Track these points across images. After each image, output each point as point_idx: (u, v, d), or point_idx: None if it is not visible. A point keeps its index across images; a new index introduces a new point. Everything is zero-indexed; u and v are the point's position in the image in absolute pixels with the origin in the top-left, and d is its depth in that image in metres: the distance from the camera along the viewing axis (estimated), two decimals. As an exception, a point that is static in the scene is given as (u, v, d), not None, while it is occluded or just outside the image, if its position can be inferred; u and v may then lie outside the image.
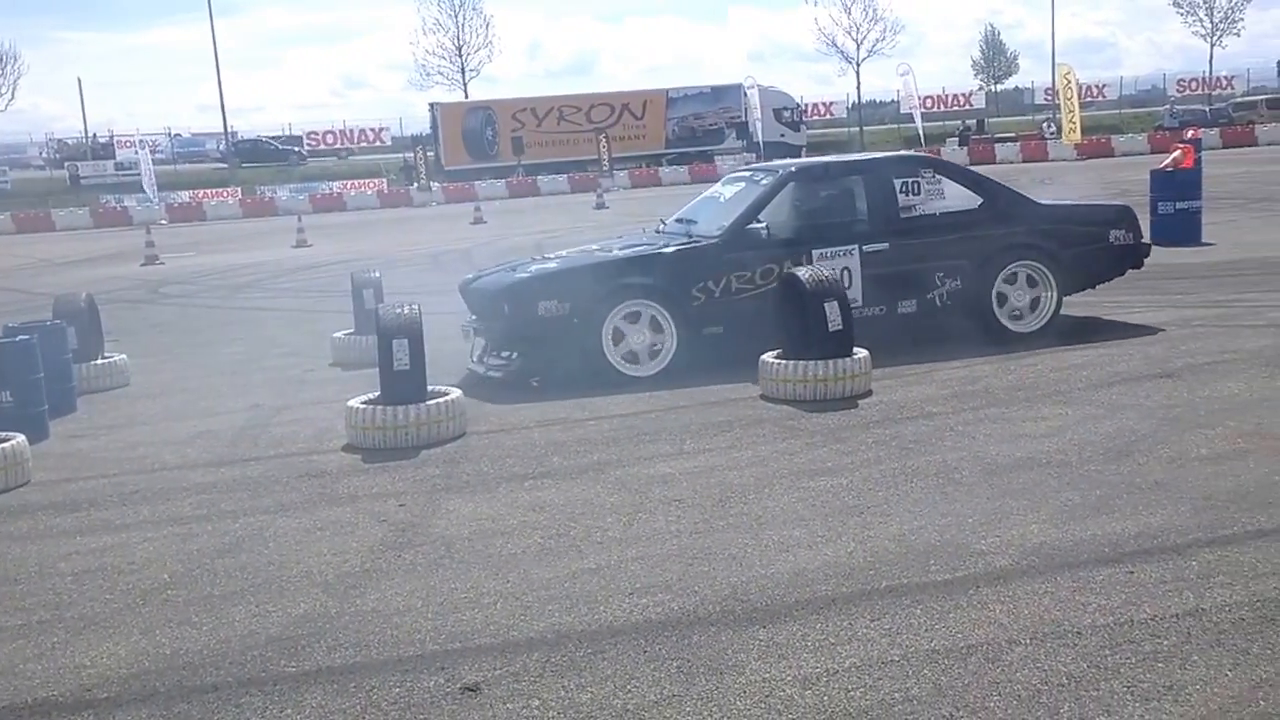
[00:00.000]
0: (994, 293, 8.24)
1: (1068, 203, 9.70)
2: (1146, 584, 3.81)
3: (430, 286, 15.26)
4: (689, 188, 41.59)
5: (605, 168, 47.14)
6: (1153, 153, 33.51)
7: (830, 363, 6.78)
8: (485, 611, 3.93)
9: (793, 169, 8.73)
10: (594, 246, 8.98)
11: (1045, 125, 51.46)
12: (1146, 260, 9.01)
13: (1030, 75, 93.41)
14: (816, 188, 8.68)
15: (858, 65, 66.07)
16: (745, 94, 54.84)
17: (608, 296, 7.70)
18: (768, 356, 7.11)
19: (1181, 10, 67.24)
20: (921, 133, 54.07)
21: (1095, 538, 4.25)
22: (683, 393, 7.20)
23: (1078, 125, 45.42)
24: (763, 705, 3.17)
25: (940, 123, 62.19)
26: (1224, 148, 38.63)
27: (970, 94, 69.78)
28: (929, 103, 64.05)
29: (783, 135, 54.57)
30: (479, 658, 3.58)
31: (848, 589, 3.94)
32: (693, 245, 8.06)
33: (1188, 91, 67.43)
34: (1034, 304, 8.36)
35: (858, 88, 67.07)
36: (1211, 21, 66.21)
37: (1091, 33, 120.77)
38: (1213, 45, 66.61)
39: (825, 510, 4.80)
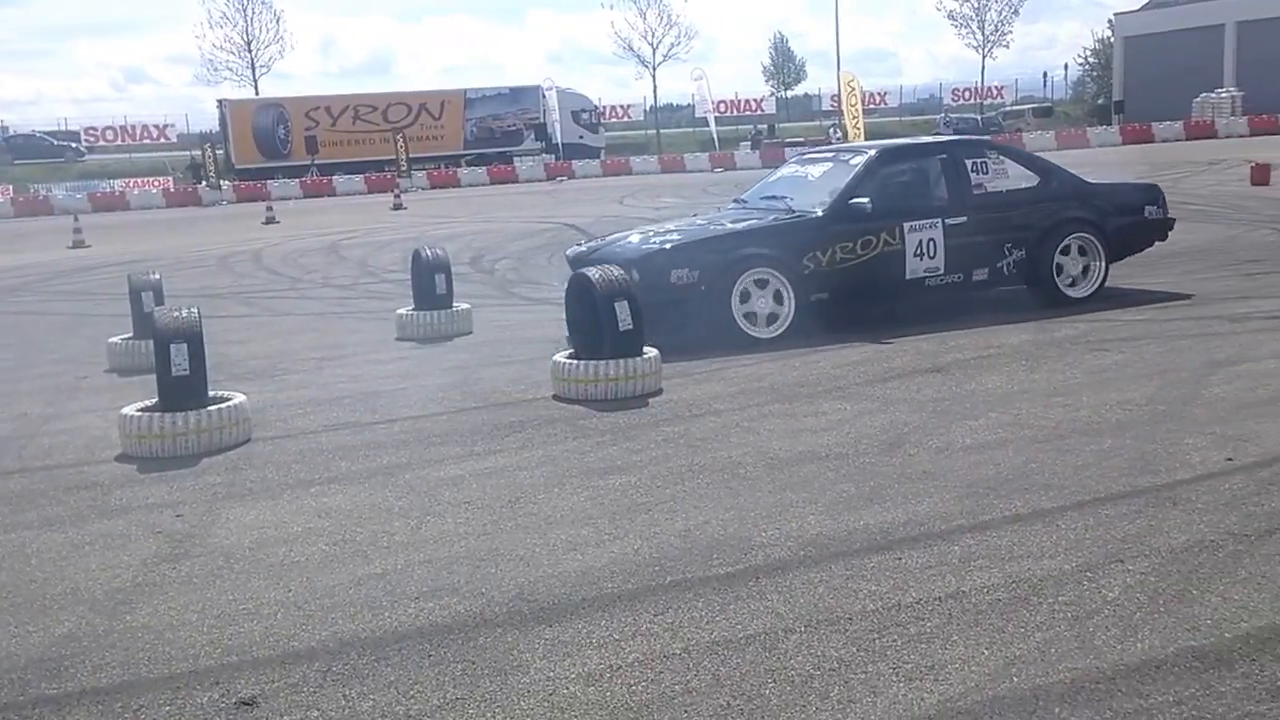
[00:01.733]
0: (1054, 262, 9.14)
1: (1109, 182, 10.59)
2: (913, 569, 4.00)
3: (217, 289, 14.69)
4: (489, 189, 41.40)
5: (403, 168, 46.36)
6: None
7: (621, 362, 6.87)
8: (265, 622, 3.81)
9: (881, 150, 9.47)
10: (698, 220, 9.72)
11: (832, 130, 53.41)
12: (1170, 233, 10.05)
13: (818, 82, 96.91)
14: (901, 167, 9.39)
15: (654, 69, 67.17)
16: (544, 95, 54.92)
17: (734, 265, 8.35)
18: (559, 357, 7.16)
19: (956, 23, 71.15)
20: (715, 136, 55.36)
21: (868, 526, 4.45)
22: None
23: (861, 131, 47.28)
24: (546, 704, 3.19)
25: (734, 126, 63.87)
26: (995, 155, 40.98)
27: (762, 99, 71.94)
28: (723, 107, 65.71)
29: (581, 137, 54.94)
30: (257, 670, 3.47)
31: (633, 585, 4.00)
32: (802, 218, 8.78)
33: (962, 100, 71.45)
34: (1085, 271, 9.30)
35: (654, 91, 68.22)
36: (983, 34, 70.30)
37: (874, 43, 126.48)
38: (984, 57, 70.74)
39: (613, 508, 4.86)
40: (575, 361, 7.00)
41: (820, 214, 8.75)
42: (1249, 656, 3.17)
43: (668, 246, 8.55)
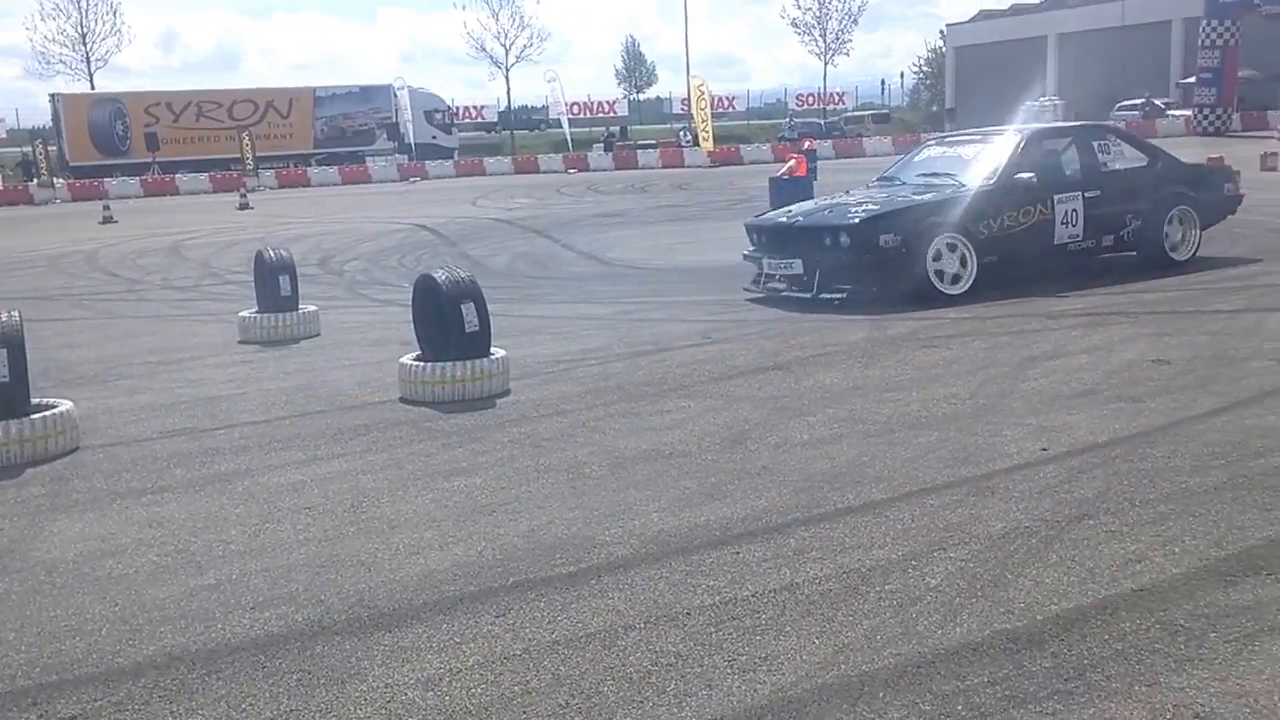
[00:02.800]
0: (1164, 230, 10.51)
1: (1198, 163, 12.02)
2: (750, 563, 4.10)
3: (48, 291, 14.05)
4: (340, 189, 40.55)
5: (249, 167, 45.04)
6: (775, 161, 35.94)
7: (468, 364, 6.84)
8: (88, 639, 3.68)
9: (1031, 133, 10.91)
10: (855, 195, 10.65)
11: (682, 134, 54.08)
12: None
13: (669, 86, 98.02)
14: (1045, 147, 10.69)
15: (507, 70, 66.88)
16: (395, 95, 54.10)
17: (929, 230, 9.48)
18: (405, 359, 7.09)
19: (799, 31, 73.01)
20: (569, 138, 55.41)
21: (708, 522, 4.53)
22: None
23: (710, 134, 48.12)
24: (384, 711, 3.16)
25: (587, 128, 64.04)
26: (837, 157, 42.07)
27: (615, 101, 72.36)
28: (576, 109, 65.84)
29: (434, 137, 54.34)
30: (80, 689, 3.34)
31: (475, 588, 4.00)
32: (977, 190, 9.86)
33: (807, 105, 73.21)
34: (1183, 238, 10.72)
35: (508, 92, 67.93)
36: (825, 42, 72.27)
37: (723, 48, 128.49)
38: (826, 64, 72.78)
39: (458, 511, 4.84)
40: (422, 363, 6.94)
41: (992, 186, 9.92)
42: (1058, 637, 3.35)
43: (877, 214, 9.60)
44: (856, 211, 9.76)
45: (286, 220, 25.25)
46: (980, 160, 10.44)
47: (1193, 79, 45.28)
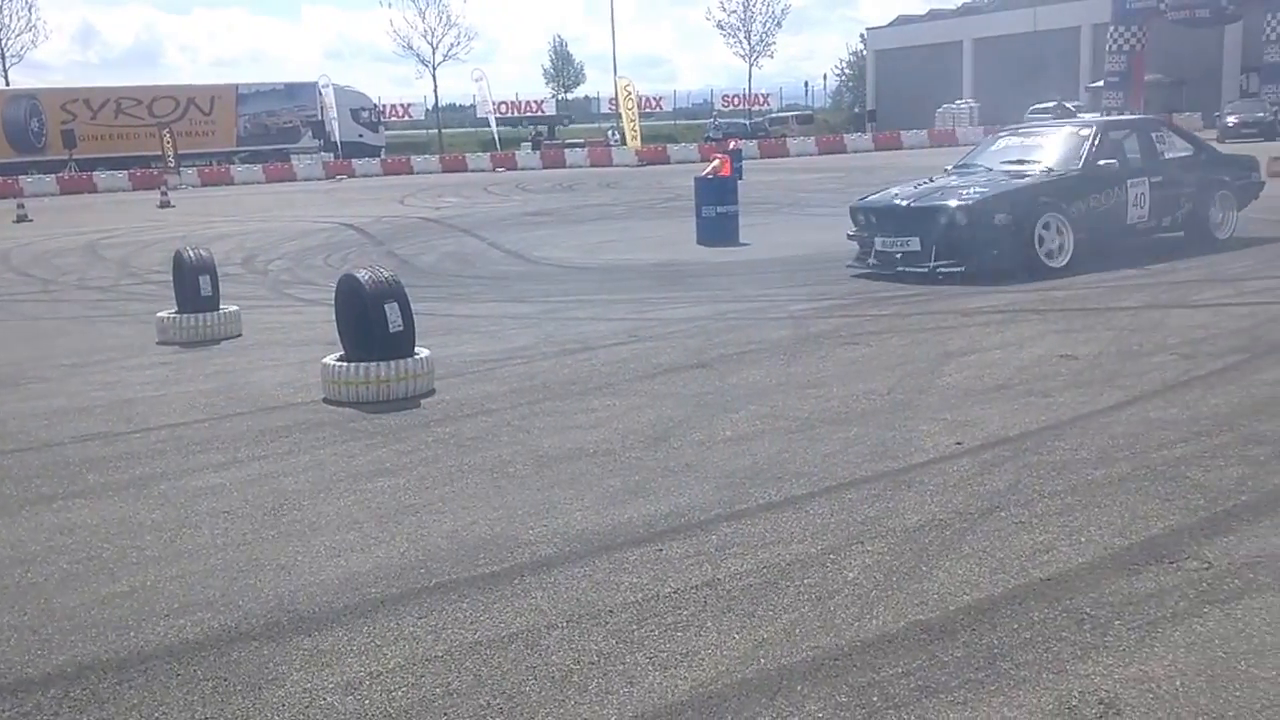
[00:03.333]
0: (1209, 211, 11.79)
1: (1231, 154, 13.58)
2: (673, 560, 4.12)
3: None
4: (264, 188, 39.98)
5: (171, 164, 44.21)
6: (702, 161, 36.11)
7: (392, 364, 6.79)
8: (-4, 649, 3.59)
9: (1104, 124, 12.14)
10: (978, 178, 11.26)
11: (610, 133, 54.14)
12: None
13: (596, 85, 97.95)
14: (1116, 136, 11.68)
15: (434, 69, 66.35)
16: (321, 92, 53.46)
17: (1035, 210, 10.48)
18: (329, 359, 7.02)
19: (724, 33, 73.50)
20: (497, 137, 55.20)
21: (631, 520, 4.55)
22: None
23: (638, 134, 48.26)
24: (302, 716, 3.13)
25: (515, 127, 63.79)
26: (762, 158, 42.45)
27: (543, 100, 72.19)
28: (504, 108, 65.56)
29: (361, 136, 53.83)
30: (-14, 701, 3.27)
31: (397, 589, 3.97)
32: (1067, 175, 10.95)
33: (733, 106, 73.77)
34: (1224, 220, 11.95)
35: (435, 91, 67.43)
36: (749, 44, 72.82)
37: (650, 49, 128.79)
38: (751, 65, 73.33)
39: (381, 512, 4.81)
40: (345, 364, 6.87)
41: (1080, 171, 10.98)
42: (970, 627, 3.42)
43: (990, 195, 10.56)
44: (970, 194, 10.63)
45: (209, 219, 24.84)
46: (1063, 148, 11.45)
47: (1101, 83, 46.54)
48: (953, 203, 10.60)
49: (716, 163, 15.57)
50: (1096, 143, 11.25)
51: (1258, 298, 8.85)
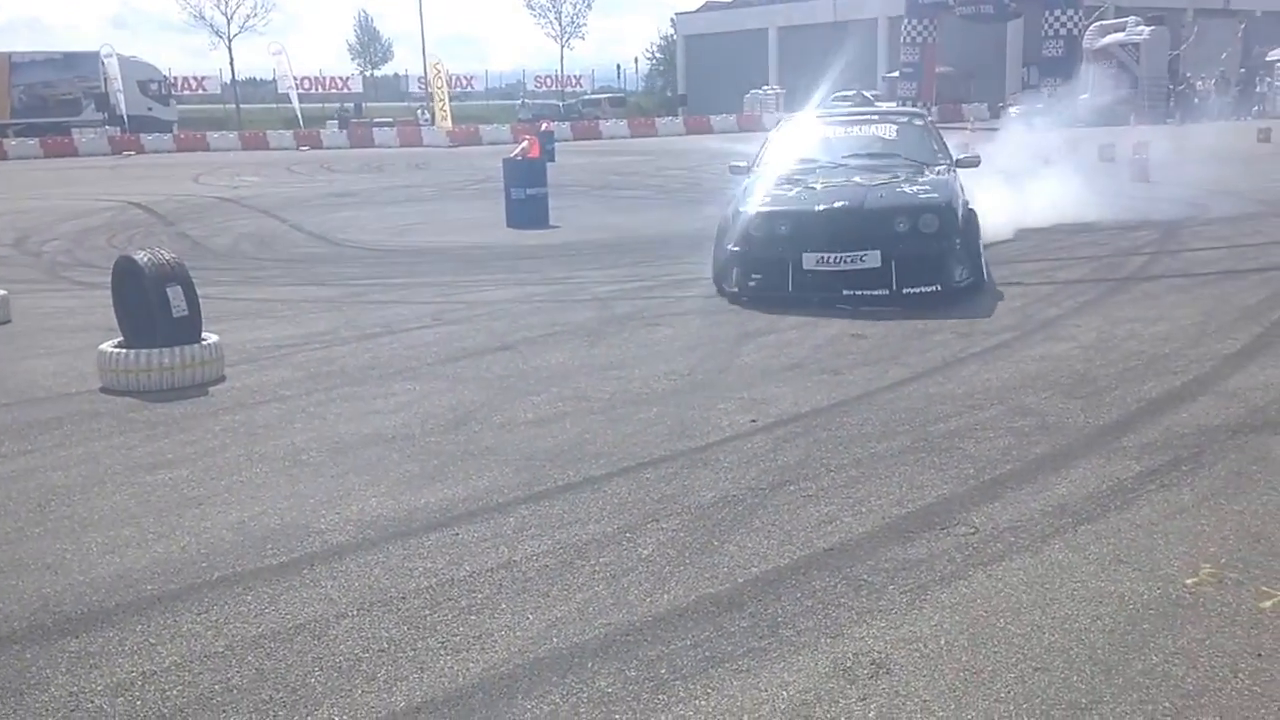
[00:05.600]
0: None
1: None
2: (469, 543, 4.08)
3: None
4: (42, 163, 37.59)
5: (-66, 138, 41.04)
6: (515, 142, 35.98)
7: (176, 350, 6.48)
8: None
9: (922, 114, 11.52)
10: (866, 177, 9.16)
11: (420, 113, 53.19)
12: None
13: (405, 64, 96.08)
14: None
15: (229, 41, 63.68)
16: (104, 63, 50.52)
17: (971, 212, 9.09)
18: (106, 346, 6.64)
19: (535, 13, 73.23)
20: (299, 113, 53.48)
21: (428, 505, 4.48)
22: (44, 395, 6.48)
23: (449, 114, 47.54)
24: (67, 720, 2.97)
25: (320, 105, 61.92)
26: (574, 140, 42.48)
27: (349, 78, 70.30)
28: (307, 84, 63.52)
29: (150, 109, 51.16)
30: None
31: (176, 585, 3.80)
32: (957, 169, 9.70)
33: (546, 87, 73.55)
34: None
35: (231, 64, 64.70)
36: (560, 25, 72.76)
37: (461, 28, 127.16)
38: (563, 46, 73.28)
39: (161, 505, 4.58)
40: (125, 351, 6.52)
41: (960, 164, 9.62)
42: (756, 598, 3.51)
43: (942, 194, 8.62)
44: (913, 192, 8.60)
45: (-20, 198, 23.17)
46: (920, 141, 9.97)
47: (896, 73, 48.81)
48: (914, 203, 8.42)
49: (525, 144, 15.49)
50: (939, 135, 10.28)
51: (1030, 279, 9.40)
